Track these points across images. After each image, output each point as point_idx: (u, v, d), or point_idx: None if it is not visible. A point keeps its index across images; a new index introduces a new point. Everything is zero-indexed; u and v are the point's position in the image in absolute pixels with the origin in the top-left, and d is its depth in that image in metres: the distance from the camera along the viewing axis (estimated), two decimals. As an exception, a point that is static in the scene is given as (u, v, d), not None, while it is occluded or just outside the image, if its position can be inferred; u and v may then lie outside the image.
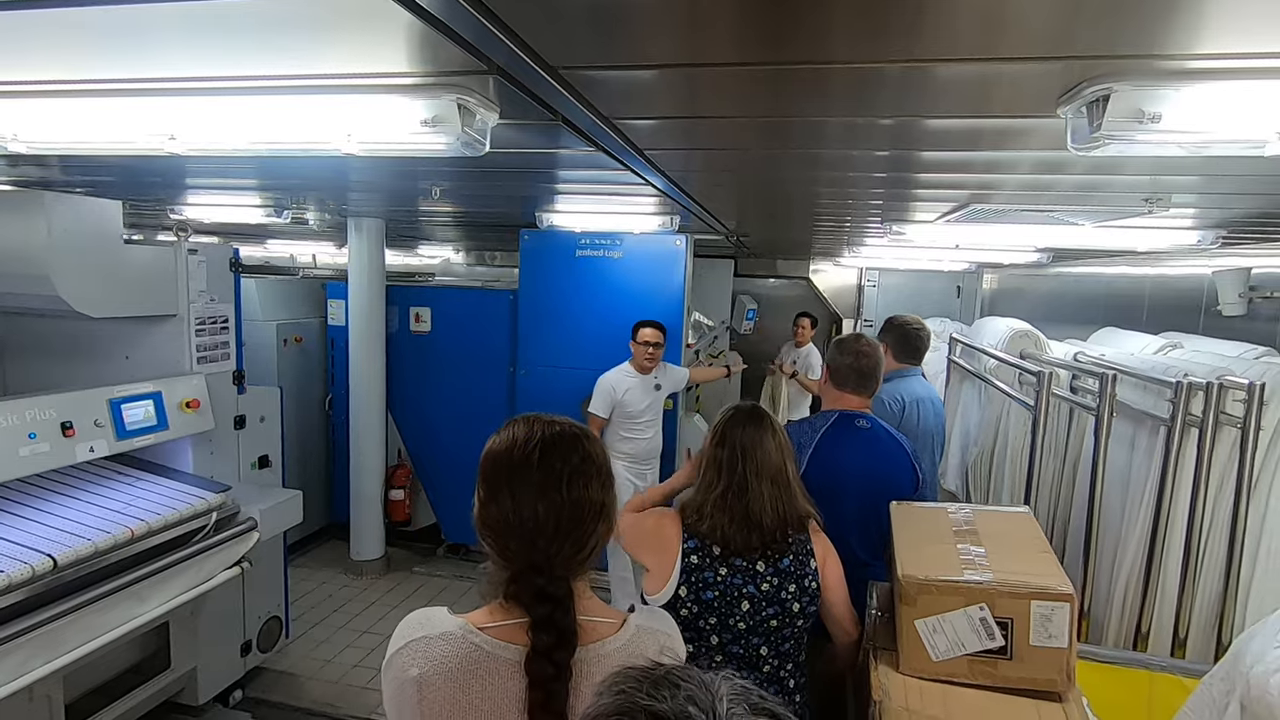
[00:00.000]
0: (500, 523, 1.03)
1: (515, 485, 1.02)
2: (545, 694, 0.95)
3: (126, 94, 1.39)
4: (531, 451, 1.03)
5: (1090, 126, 1.10)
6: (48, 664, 2.11)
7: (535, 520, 1.01)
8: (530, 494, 1.01)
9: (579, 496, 1.02)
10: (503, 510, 1.02)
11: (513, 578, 1.02)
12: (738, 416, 1.85)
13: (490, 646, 0.99)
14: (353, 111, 1.34)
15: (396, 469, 5.04)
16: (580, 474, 1.03)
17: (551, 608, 0.98)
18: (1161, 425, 2.26)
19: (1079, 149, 1.15)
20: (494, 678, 0.98)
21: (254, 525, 2.86)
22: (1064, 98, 1.15)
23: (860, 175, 2.35)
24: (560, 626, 0.97)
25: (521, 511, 1.01)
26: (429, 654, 0.98)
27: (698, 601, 1.72)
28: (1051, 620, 1.53)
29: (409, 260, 8.48)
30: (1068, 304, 5.37)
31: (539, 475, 1.02)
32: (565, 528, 1.01)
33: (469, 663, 0.98)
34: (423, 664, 0.98)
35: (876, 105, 1.41)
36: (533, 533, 1.01)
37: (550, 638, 0.97)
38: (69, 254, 2.48)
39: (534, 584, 0.99)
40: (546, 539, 1.01)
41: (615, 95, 1.38)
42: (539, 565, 1.00)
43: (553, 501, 1.01)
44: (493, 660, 0.98)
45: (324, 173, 2.85)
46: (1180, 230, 2.94)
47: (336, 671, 3.75)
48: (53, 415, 2.37)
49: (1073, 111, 1.15)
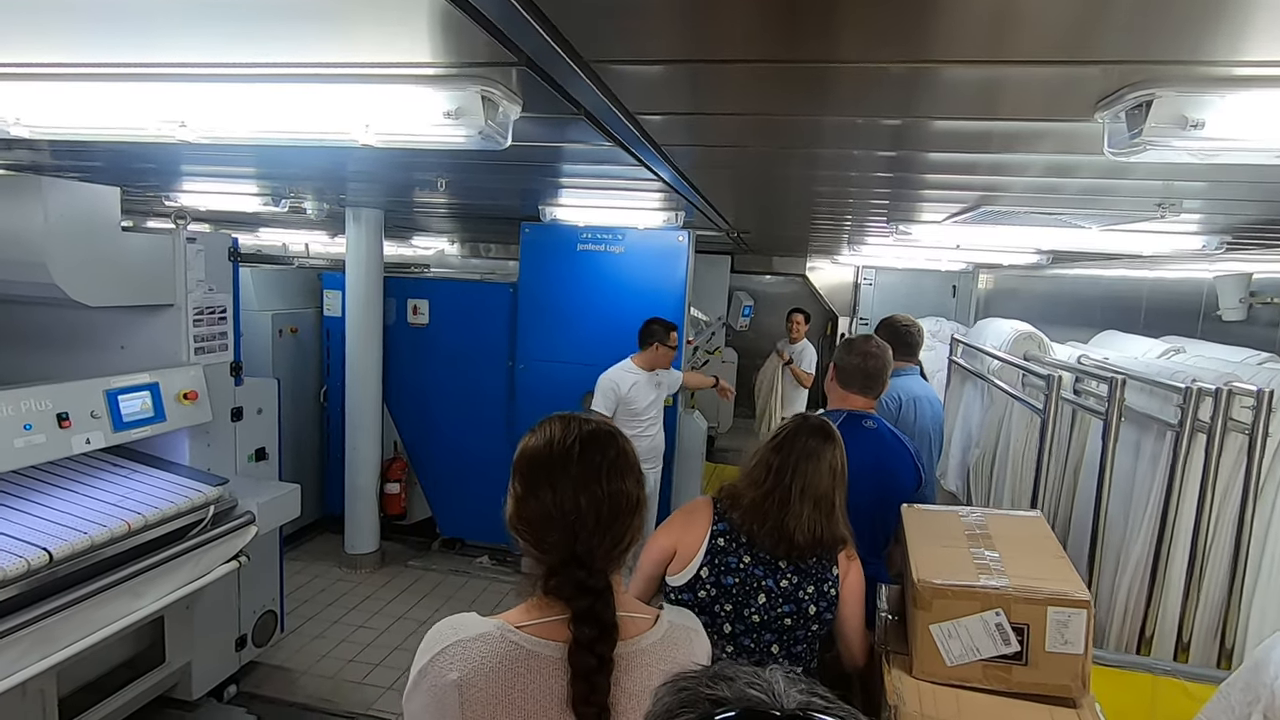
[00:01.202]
0: (540, 516, 1.03)
1: (556, 479, 1.03)
2: (588, 686, 0.96)
3: (136, 79, 1.35)
4: (571, 446, 1.04)
5: (1130, 132, 1.09)
6: (42, 661, 2.07)
7: (577, 513, 1.02)
8: (571, 487, 1.02)
9: (618, 489, 1.04)
10: (543, 504, 1.03)
11: (552, 571, 1.02)
12: (804, 428, 1.83)
13: (530, 644, 0.99)
14: (372, 102, 1.31)
15: (392, 462, 5.00)
16: (617, 468, 1.05)
17: (592, 600, 0.99)
18: (1168, 430, 2.26)
19: (1117, 154, 1.14)
20: (537, 675, 0.97)
21: (252, 519, 2.82)
22: (1103, 102, 1.13)
23: (872, 175, 2.34)
24: (601, 619, 0.98)
25: (563, 504, 1.02)
26: (467, 656, 0.98)
27: (718, 585, 1.73)
28: (1068, 626, 1.53)
29: (403, 251, 8.40)
30: (1063, 306, 5.39)
31: (579, 469, 1.03)
32: (605, 520, 1.02)
33: (510, 661, 0.98)
34: (462, 667, 0.97)
35: (897, 106, 1.40)
36: (574, 525, 1.02)
37: (592, 630, 0.97)
38: (66, 241, 2.43)
39: (575, 576, 1.00)
40: (588, 531, 1.02)
41: (640, 90, 1.35)
42: (580, 558, 1.01)
43: (593, 494, 1.02)
44: (534, 658, 0.98)
45: (327, 162, 2.80)
46: (1185, 235, 2.94)
47: (332, 666, 3.71)
48: (49, 406, 2.32)
49: (1111, 117, 1.13)
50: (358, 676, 3.64)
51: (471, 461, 4.96)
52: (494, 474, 5.20)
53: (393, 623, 4.19)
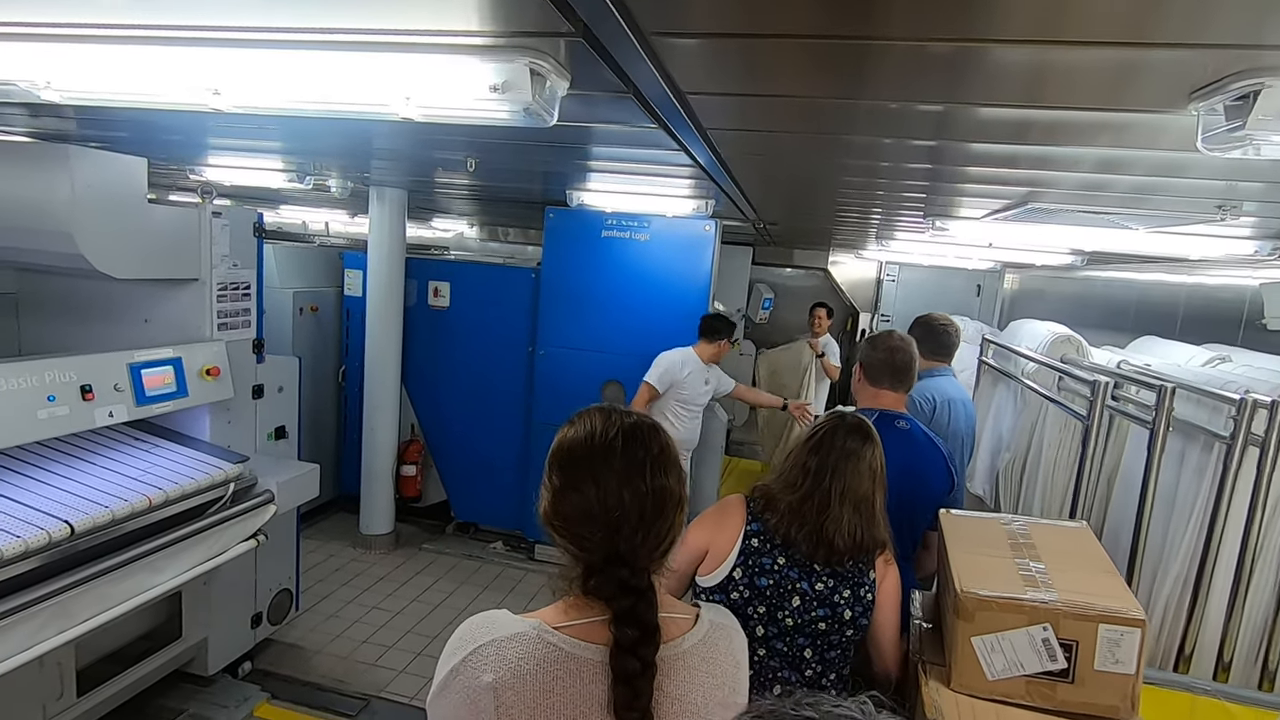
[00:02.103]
0: (580, 512, 0.98)
1: (598, 473, 0.97)
2: (631, 691, 0.91)
3: (168, 42, 1.30)
4: (614, 439, 0.98)
5: (1229, 124, 1.01)
6: (61, 634, 2.06)
7: (620, 509, 0.96)
8: (614, 481, 0.96)
9: (661, 485, 0.98)
10: (585, 499, 0.97)
11: (592, 570, 0.97)
12: (841, 428, 1.76)
13: (569, 646, 0.94)
14: (414, 72, 1.24)
15: (409, 444, 4.99)
16: (660, 464, 0.99)
17: (635, 600, 0.94)
18: (1216, 442, 2.18)
19: (1212, 149, 1.06)
20: (576, 679, 0.93)
21: (271, 498, 2.80)
22: (1200, 92, 1.05)
23: (911, 167, 2.25)
24: (644, 620, 0.93)
25: (606, 500, 0.96)
26: (503, 657, 0.93)
27: (751, 586, 1.67)
28: (1120, 645, 1.46)
29: (421, 233, 8.37)
30: (1094, 309, 5.26)
31: (622, 463, 0.97)
32: (649, 517, 0.97)
33: (549, 664, 0.93)
34: (497, 669, 0.92)
35: (964, 90, 1.32)
36: (617, 521, 0.96)
37: (634, 632, 0.93)
38: (93, 211, 2.40)
39: (618, 576, 0.95)
40: (630, 528, 0.96)
41: (694, 67, 1.29)
42: (622, 556, 0.96)
43: (637, 490, 0.97)
44: (573, 660, 0.93)
45: (356, 138, 2.75)
46: (1237, 239, 2.83)
47: (345, 646, 3.71)
48: (73, 378, 2.30)
49: (1207, 109, 1.05)
50: (371, 658, 3.64)
51: (488, 447, 4.93)
52: (510, 460, 5.22)
53: (406, 605, 4.19)
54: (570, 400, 4.49)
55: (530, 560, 4.88)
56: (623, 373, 4.28)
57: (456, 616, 4.10)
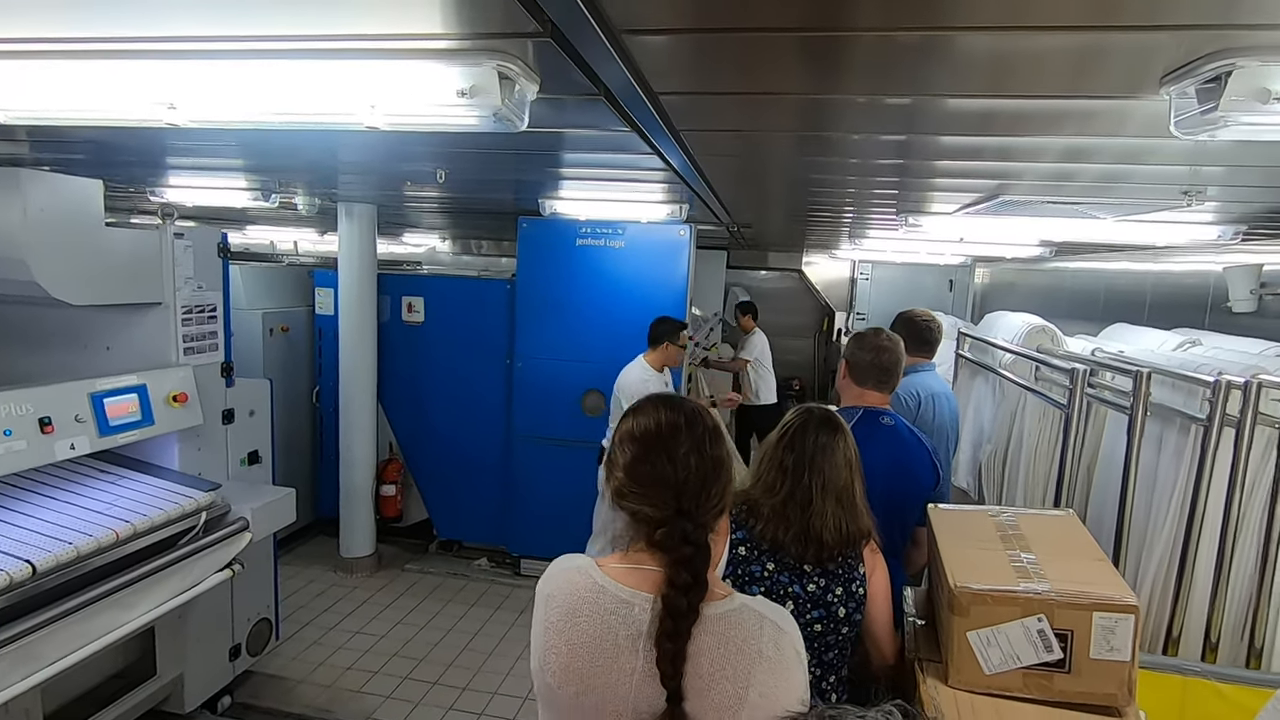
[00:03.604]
0: (654, 479, 1.15)
1: (671, 448, 1.15)
2: (675, 623, 1.05)
3: (120, 55, 1.25)
4: (678, 420, 1.18)
5: (1202, 107, 1.01)
6: (27, 678, 1.96)
7: (689, 473, 1.14)
8: (683, 452, 1.15)
9: (717, 454, 1.17)
10: (658, 469, 1.15)
11: (661, 523, 1.12)
12: (810, 422, 1.75)
13: (604, 583, 1.14)
14: (378, 79, 1.21)
15: (388, 463, 4.89)
16: (715, 437, 1.19)
17: (694, 550, 1.09)
18: (1193, 424, 2.20)
19: (1185, 133, 1.06)
20: (601, 610, 1.12)
21: (245, 525, 2.71)
22: (1171, 76, 1.05)
23: (887, 163, 2.26)
24: (697, 570, 1.08)
25: (677, 468, 1.14)
26: (559, 578, 1.18)
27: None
28: (1114, 633, 1.46)
29: (393, 249, 8.27)
30: (1064, 299, 5.34)
31: (687, 438, 1.16)
32: (710, 480, 1.15)
33: (582, 591, 1.14)
34: (553, 584, 1.18)
35: (934, 81, 1.32)
36: (684, 484, 1.13)
37: (689, 576, 1.07)
38: (47, 236, 2.31)
39: (683, 528, 1.11)
40: (694, 489, 1.14)
41: (663, 65, 1.27)
42: (688, 511, 1.12)
43: (701, 457, 1.15)
44: (604, 595, 1.13)
45: (322, 153, 2.69)
46: (1202, 225, 2.89)
47: (329, 674, 3.61)
48: (30, 410, 2.20)
49: (1179, 91, 1.05)
50: (356, 685, 3.54)
51: (469, 462, 4.86)
52: (493, 474, 5.13)
53: (391, 628, 4.09)
54: (551, 411, 4.52)
55: (516, 575, 4.80)
56: (602, 381, 4.23)
57: (443, 637, 4.02)
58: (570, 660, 1.11)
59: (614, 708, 1.09)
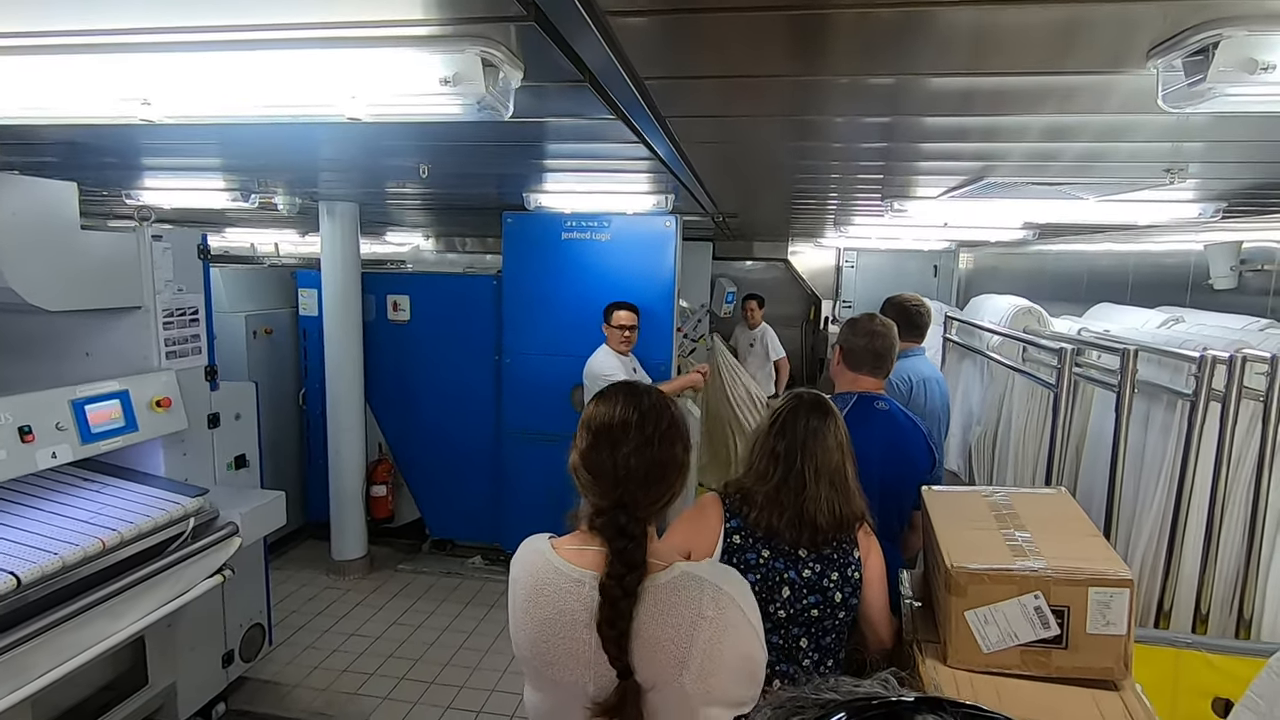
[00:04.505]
0: (599, 467, 1.21)
1: (617, 443, 1.20)
2: (614, 610, 1.13)
3: (90, 50, 1.22)
4: (631, 416, 1.22)
5: (1189, 80, 1.01)
6: (15, 692, 1.93)
7: (628, 470, 1.19)
8: (627, 450, 1.20)
9: (666, 455, 1.22)
10: (602, 460, 1.21)
11: (600, 512, 1.20)
12: (801, 406, 1.75)
13: (559, 564, 1.21)
14: (359, 68, 1.18)
15: (377, 464, 4.85)
16: (669, 437, 1.22)
17: (627, 542, 1.16)
18: (1180, 400, 2.23)
19: (1173, 106, 1.06)
20: (557, 590, 1.20)
21: (235, 530, 2.68)
22: (1158, 49, 1.05)
23: (871, 146, 2.25)
24: (631, 559, 1.15)
25: (618, 464, 1.20)
26: (522, 561, 1.27)
27: None
28: (1110, 607, 1.47)
29: (376, 248, 8.19)
30: (1046, 281, 5.39)
31: (635, 436, 1.20)
32: (653, 478, 1.21)
33: (541, 572, 1.22)
34: (518, 568, 1.27)
35: (916, 59, 1.31)
36: (625, 479, 1.19)
37: (623, 566, 1.15)
38: (20, 240, 2.25)
39: (618, 521, 1.17)
40: (635, 485, 1.19)
41: (648, 47, 1.25)
42: (625, 504, 1.18)
43: (645, 458, 1.20)
44: (559, 575, 1.21)
45: (302, 150, 2.65)
46: (1183, 203, 2.91)
47: (324, 678, 3.58)
48: (9, 419, 2.15)
49: (1166, 64, 1.05)
50: (352, 687, 3.51)
51: (460, 460, 4.83)
52: (484, 472, 5.10)
53: (385, 629, 4.06)
54: (541, 406, 4.49)
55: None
56: (592, 376, 4.21)
57: (438, 636, 3.99)
58: (536, 636, 1.21)
59: (575, 677, 1.19)
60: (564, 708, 1.22)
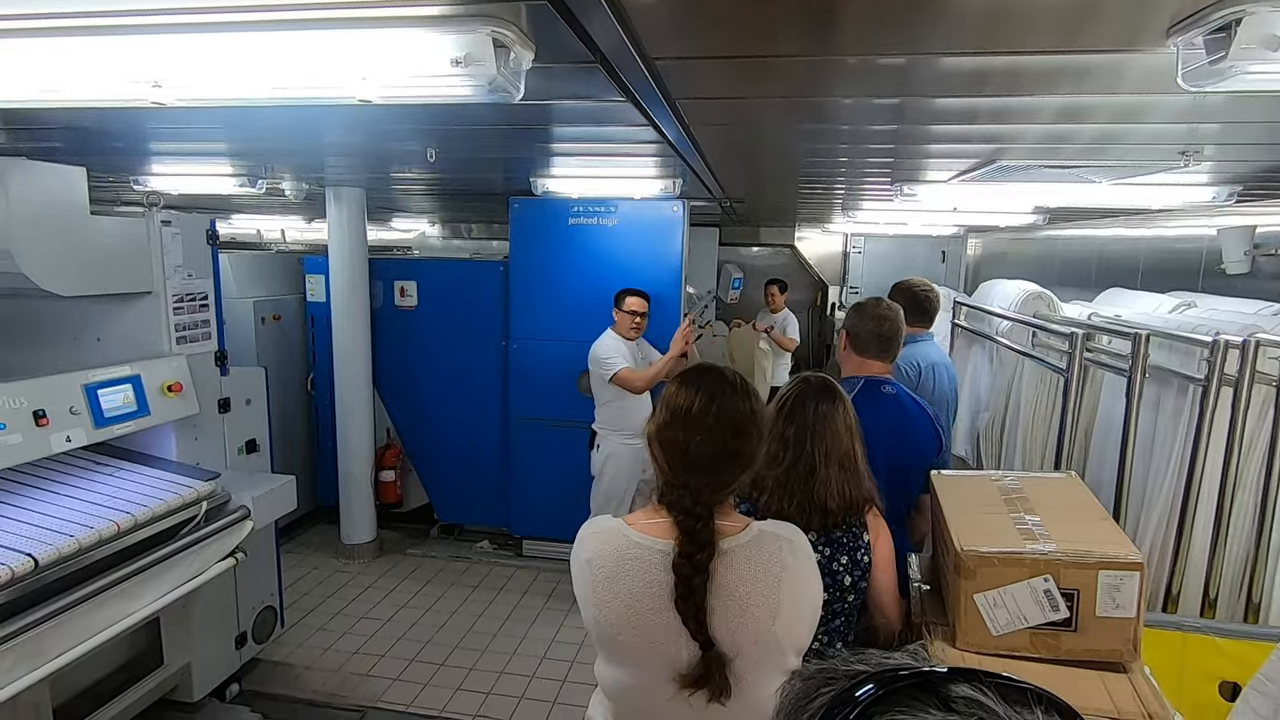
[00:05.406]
0: (673, 444, 1.25)
1: (691, 428, 1.24)
2: (688, 588, 1.18)
3: (101, 31, 1.21)
4: (709, 406, 1.25)
5: (1210, 58, 0.99)
6: (33, 672, 1.96)
7: (699, 456, 1.23)
8: (700, 437, 1.23)
9: (736, 448, 1.24)
10: (676, 440, 1.25)
11: (670, 487, 1.25)
12: (809, 392, 1.75)
13: (638, 538, 1.26)
14: (370, 49, 1.17)
15: (386, 449, 4.88)
16: (744, 431, 1.25)
17: (695, 522, 1.20)
18: (1191, 385, 2.22)
19: (1193, 86, 1.05)
20: (640, 564, 1.24)
21: (247, 514, 2.70)
22: (1178, 26, 1.04)
23: (881, 129, 2.23)
24: (699, 538, 1.20)
25: (689, 447, 1.23)
26: (594, 542, 1.30)
27: None
28: (1120, 590, 1.47)
29: (383, 234, 8.19)
30: (1056, 267, 5.34)
31: (712, 425, 1.23)
32: (720, 469, 1.24)
33: (620, 548, 1.26)
34: (590, 550, 1.29)
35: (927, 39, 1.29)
36: (694, 464, 1.23)
37: (693, 546, 1.19)
38: (31, 226, 2.26)
39: (684, 501, 1.22)
40: (702, 471, 1.23)
41: (660, 27, 1.24)
42: (689, 486, 1.22)
43: (716, 448, 1.23)
44: (640, 549, 1.25)
45: (310, 134, 2.64)
46: (1197, 187, 2.88)
47: (336, 660, 3.63)
48: (24, 404, 2.17)
49: (1186, 42, 1.03)
50: (363, 669, 3.56)
51: (468, 445, 4.85)
52: (491, 456, 5.12)
53: (395, 612, 4.11)
54: (548, 392, 4.49)
55: (518, 556, 4.82)
56: (599, 361, 4.22)
57: (447, 620, 4.04)
58: (625, 612, 1.23)
59: (668, 647, 1.22)
60: (652, 682, 1.24)
